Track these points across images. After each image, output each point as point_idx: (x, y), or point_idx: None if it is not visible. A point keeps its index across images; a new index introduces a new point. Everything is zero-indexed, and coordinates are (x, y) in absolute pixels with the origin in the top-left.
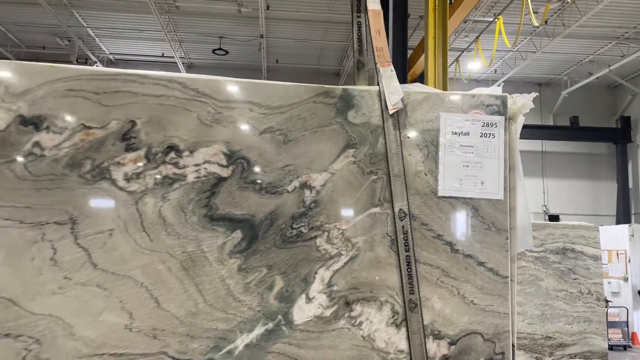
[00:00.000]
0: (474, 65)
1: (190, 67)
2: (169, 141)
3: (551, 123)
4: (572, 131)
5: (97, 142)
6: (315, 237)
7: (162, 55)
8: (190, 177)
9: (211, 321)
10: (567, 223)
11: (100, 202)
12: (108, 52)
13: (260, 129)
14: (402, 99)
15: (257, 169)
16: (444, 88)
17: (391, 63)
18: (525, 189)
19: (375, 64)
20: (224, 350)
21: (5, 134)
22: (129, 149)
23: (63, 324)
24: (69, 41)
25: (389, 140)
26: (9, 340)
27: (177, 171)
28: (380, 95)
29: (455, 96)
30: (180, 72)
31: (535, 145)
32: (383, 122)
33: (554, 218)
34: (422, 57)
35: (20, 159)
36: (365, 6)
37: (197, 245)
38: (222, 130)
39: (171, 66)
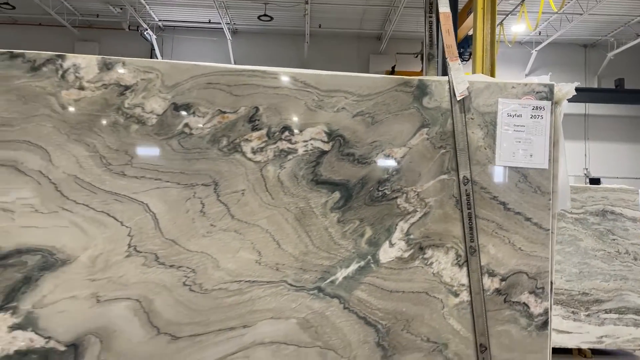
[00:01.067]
0: (518, 28)
1: (235, 33)
2: (284, 122)
3: (595, 85)
4: (617, 94)
5: (230, 124)
6: (396, 197)
7: (209, 22)
8: (300, 151)
9: (318, 259)
10: (607, 186)
11: (234, 169)
12: (157, 20)
13: (353, 112)
14: (467, 88)
15: (351, 144)
16: (492, 51)
17: (459, 57)
18: (566, 159)
19: (445, 58)
20: (328, 281)
21: (163, 118)
22: (254, 128)
23: (211, 258)
24: (121, 9)
25: (456, 121)
26: (173, 270)
27: (290, 146)
28: (449, 84)
29: (510, 84)
30: (226, 37)
31: (578, 108)
32: (451, 107)
33: (595, 181)
34: (468, 20)
35: (175, 136)
36: (437, 9)
37: (307, 202)
38: (324, 114)
39: (217, 32)
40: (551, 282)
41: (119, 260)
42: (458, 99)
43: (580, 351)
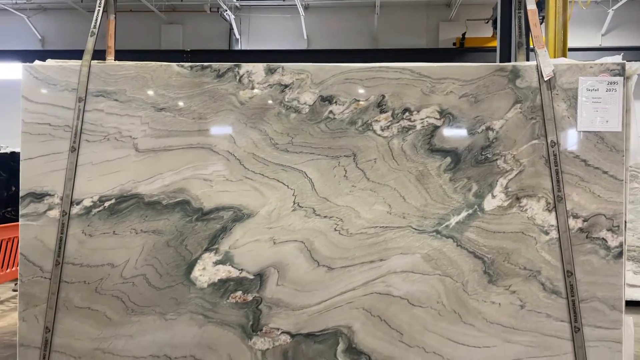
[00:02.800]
0: None
1: (306, 9)
2: (404, 105)
3: None
4: None
5: (363, 109)
6: (496, 159)
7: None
8: (418, 127)
9: (435, 209)
10: None
11: (368, 143)
12: (235, 0)
13: (459, 94)
14: (552, 70)
15: (458, 119)
16: (564, 14)
17: (545, 46)
18: (637, 122)
19: (534, 47)
20: (443, 225)
21: (313, 107)
22: (382, 111)
23: (354, 211)
24: None
25: (543, 97)
26: (327, 219)
27: (410, 123)
28: (537, 68)
29: (589, 65)
30: (299, 14)
31: None
32: (540, 86)
33: None
34: None
35: (322, 121)
36: (525, 6)
37: (425, 166)
38: (436, 97)
39: (291, 9)
40: (625, 222)
41: (287, 213)
42: (545, 79)
43: None
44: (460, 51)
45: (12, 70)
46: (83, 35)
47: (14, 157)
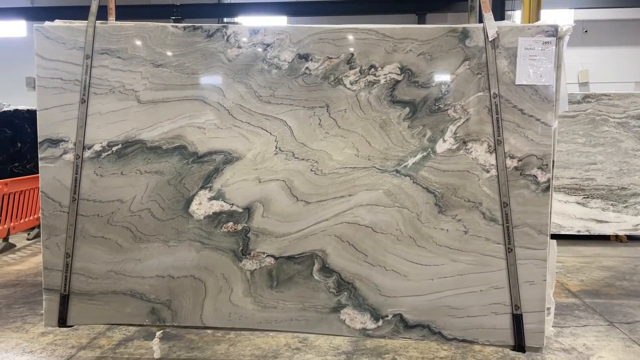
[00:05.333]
0: None
1: None
2: (370, 62)
3: None
4: None
5: (335, 65)
6: (447, 109)
7: None
8: (382, 81)
9: (395, 152)
10: None
11: (338, 96)
12: None
13: (417, 53)
14: (496, 32)
15: (416, 75)
16: None
17: (490, 10)
18: (565, 78)
19: (481, 10)
20: (402, 165)
21: (292, 64)
22: (351, 68)
23: (326, 154)
24: None
25: (488, 54)
26: (304, 162)
27: (375, 78)
28: (484, 30)
29: (527, 27)
30: None
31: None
32: (485, 45)
33: None
34: None
35: (300, 76)
36: None
37: (387, 115)
38: (397, 55)
39: None
40: (553, 161)
41: (270, 157)
42: (490, 40)
43: (617, 237)
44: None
45: (7, 29)
46: None
47: (16, 114)
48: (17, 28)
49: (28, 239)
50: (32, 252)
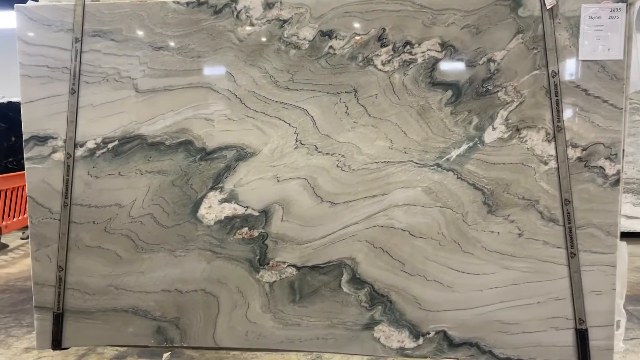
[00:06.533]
0: None
1: None
2: (405, 39)
3: None
4: None
5: (364, 43)
6: (497, 91)
7: None
8: (419, 60)
9: (436, 143)
10: None
11: (368, 79)
12: None
13: (461, 25)
14: None
15: (460, 51)
16: None
17: None
18: (638, 50)
19: None
20: (444, 158)
21: (313, 43)
22: (382, 45)
23: (355, 147)
24: None
25: (545, 26)
26: (329, 156)
27: (411, 57)
28: None
29: None
30: None
31: None
32: (542, 14)
33: None
34: None
35: (322, 56)
36: None
37: (426, 100)
38: (437, 29)
39: None
40: (623, 150)
41: (290, 151)
42: (548, 8)
43: None
44: None
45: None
46: None
47: (10, 106)
48: (9, 18)
49: (22, 239)
50: (25, 253)
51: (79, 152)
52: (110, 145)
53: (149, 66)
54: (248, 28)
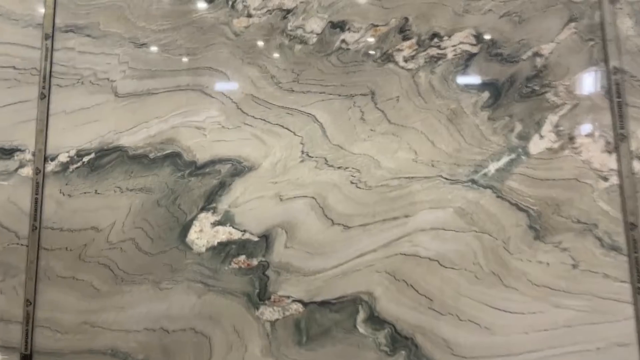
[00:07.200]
0: None
1: None
2: (432, 30)
3: None
4: None
5: (383, 36)
6: (545, 92)
7: None
8: (450, 55)
9: (470, 155)
10: None
11: (387, 78)
12: None
13: (500, 13)
14: None
15: (498, 44)
16: None
17: None
18: None
19: None
20: (480, 173)
21: (322, 36)
22: (405, 38)
23: (372, 159)
24: None
25: (604, 12)
26: (341, 171)
27: (440, 51)
28: None
29: None
30: None
31: None
32: None
33: None
34: None
35: (333, 52)
36: None
37: (458, 103)
38: (471, 18)
39: None
40: None
41: (295, 165)
42: None
43: None
44: None
45: None
46: None
47: None
48: None
49: None
50: None
51: (50, 166)
52: (85, 159)
53: (131, 66)
54: (245, 20)
